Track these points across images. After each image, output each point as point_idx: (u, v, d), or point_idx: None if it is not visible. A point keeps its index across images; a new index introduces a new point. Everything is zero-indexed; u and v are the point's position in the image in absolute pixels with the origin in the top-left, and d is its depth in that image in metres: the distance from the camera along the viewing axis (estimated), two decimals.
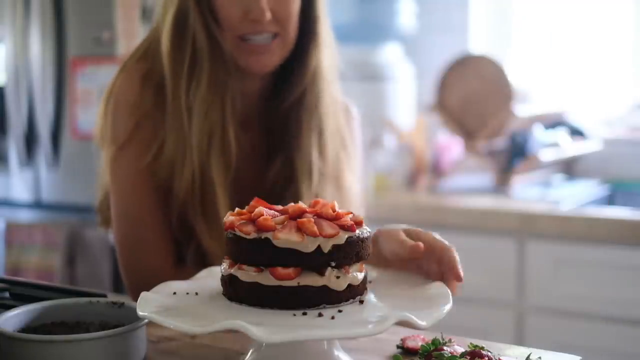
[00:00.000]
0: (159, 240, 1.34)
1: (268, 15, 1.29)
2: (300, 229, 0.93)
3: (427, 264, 1.11)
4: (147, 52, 1.38)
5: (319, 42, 1.39)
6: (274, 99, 1.43)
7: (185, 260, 1.38)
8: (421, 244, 1.08)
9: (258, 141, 1.43)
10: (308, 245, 0.92)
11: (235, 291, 0.97)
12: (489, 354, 0.96)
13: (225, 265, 0.99)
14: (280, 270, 0.93)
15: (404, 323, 0.90)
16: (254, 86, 1.41)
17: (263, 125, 1.44)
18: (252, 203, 1.01)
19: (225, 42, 1.32)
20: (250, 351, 0.99)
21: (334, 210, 0.97)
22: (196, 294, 1.02)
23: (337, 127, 1.44)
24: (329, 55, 1.42)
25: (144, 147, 1.33)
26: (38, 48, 2.85)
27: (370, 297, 1.00)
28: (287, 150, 1.40)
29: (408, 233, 1.12)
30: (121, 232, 1.36)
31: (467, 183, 2.83)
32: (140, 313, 0.94)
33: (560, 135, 2.90)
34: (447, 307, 0.96)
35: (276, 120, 1.43)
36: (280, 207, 1.00)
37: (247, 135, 1.39)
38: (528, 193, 2.67)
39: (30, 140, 2.95)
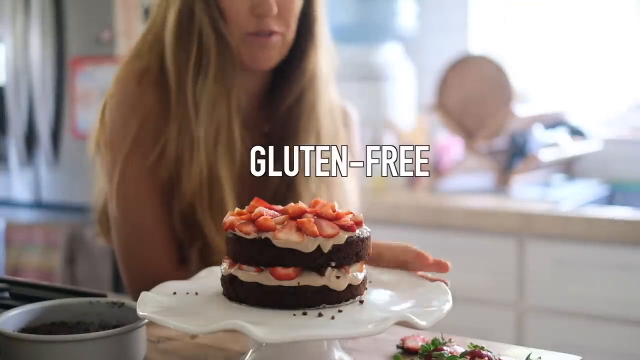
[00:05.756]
0: (161, 240, 1.34)
1: (275, 9, 1.29)
2: (300, 229, 0.93)
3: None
4: (141, 50, 1.37)
5: (317, 43, 1.39)
6: (273, 100, 1.43)
7: (188, 260, 1.37)
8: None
9: (260, 141, 1.43)
10: (308, 245, 0.92)
11: (235, 291, 0.97)
12: (489, 354, 0.96)
13: (225, 265, 0.99)
14: (280, 270, 0.93)
15: (404, 323, 0.90)
16: (254, 85, 1.41)
17: (264, 125, 1.44)
18: (252, 203, 1.01)
19: (232, 37, 1.32)
20: (251, 351, 0.99)
21: (334, 210, 0.97)
22: (196, 293, 1.02)
23: (334, 130, 1.44)
24: (327, 58, 1.42)
25: (147, 149, 1.32)
26: (38, 48, 2.85)
27: (370, 297, 1.00)
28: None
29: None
30: (123, 233, 1.35)
31: (467, 183, 2.83)
32: (140, 313, 0.94)
33: (560, 135, 2.90)
34: (447, 307, 0.96)
35: (276, 122, 1.43)
36: (280, 207, 1.00)
37: (249, 135, 1.39)
38: (528, 193, 2.67)
39: (30, 140, 2.95)
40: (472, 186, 2.80)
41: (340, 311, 0.93)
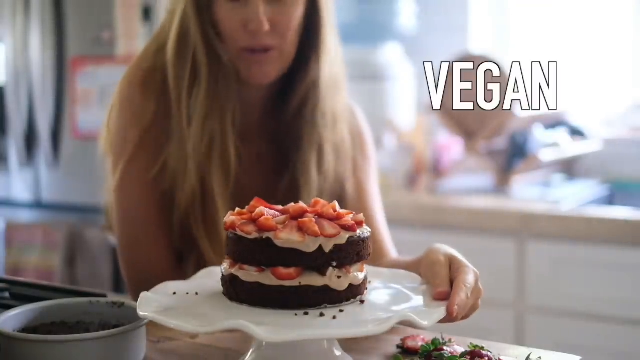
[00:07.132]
0: (161, 241, 1.34)
1: (266, 26, 1.27)
2: (301, 229, 0.93)
3: None
4: (147, 54, 1.37)
5: (320, 51, 1.35)
6: (276, 110, 1.41)
7: (186, 271, 1.36)
8: (447, 291, 1.00)
9: (262, 153, 1.42)
10: (309, 245, 0.92)
11: (236, 291, 0.97)
12: (489, 354, 0.96)
13: (226, 265, 0.99)
14: (282, 270, 0.93)
15: (405, 323, 0.90)
16: (257, 97, 1.39)
17: (267, 137, 1.42)
18: (252, 203, 1.01)
19: (228, 53, 1.31)
20: (251, 351, 0.99)
21: (335, 210, 0.97)
22: (196, 293, 1.02)
23: (340, 140, 1.41)
24: (332, 64, 1.38)
25: (151, 157, 1.32)
26: (38, 48, 2.85)
27: (371, 296, 1.00)
28: (292, 166, 1.39)
29: (451, 262, 1.06)
30: (122, 234, 1.36)
31: (467, 183, 2.83)
32: (140, 313, 0.94)
33: (560, 135, 2.90)
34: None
35: (279, 133, 1.41)
36: (281, 207, 1.00)
37: (250, 147, 1.38)
38: (528, 193, 2.67)
39: (30, 140, 2.95)
40: (472, 186, 2.80)
41: (341, 311, 0.93)
